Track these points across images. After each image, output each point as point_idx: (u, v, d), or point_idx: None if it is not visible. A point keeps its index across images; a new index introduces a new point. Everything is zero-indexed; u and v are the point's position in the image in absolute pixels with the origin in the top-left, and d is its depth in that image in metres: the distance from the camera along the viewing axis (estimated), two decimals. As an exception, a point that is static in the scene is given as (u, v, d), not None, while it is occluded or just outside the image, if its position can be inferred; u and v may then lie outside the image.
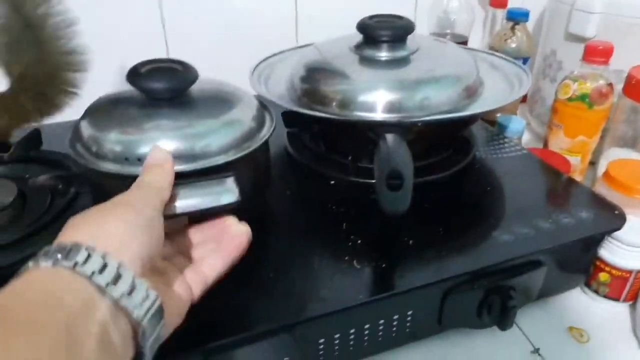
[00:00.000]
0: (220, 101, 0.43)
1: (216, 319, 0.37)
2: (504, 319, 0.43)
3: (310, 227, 0.46)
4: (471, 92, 0.52)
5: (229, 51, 0.75)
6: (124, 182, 0.38)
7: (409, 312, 0.41)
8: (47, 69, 0.51)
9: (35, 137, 0.54)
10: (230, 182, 0.37)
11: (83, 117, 0.42)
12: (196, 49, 0.68)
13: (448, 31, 0.83)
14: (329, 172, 0.52)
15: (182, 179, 0.38)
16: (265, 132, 0.44)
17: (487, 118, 0.71)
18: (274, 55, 0.62)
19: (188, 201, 0.37)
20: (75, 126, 0.42)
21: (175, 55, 0.71)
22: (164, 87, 0.41)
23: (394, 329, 0.41)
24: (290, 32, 0.78)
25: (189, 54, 0.48)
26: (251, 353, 0.37)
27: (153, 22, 0.71)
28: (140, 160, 0.39)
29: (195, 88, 0.42)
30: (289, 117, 0.55)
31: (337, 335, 0.39)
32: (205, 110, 0.42)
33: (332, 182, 0.51)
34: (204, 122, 0.41)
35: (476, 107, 0.51)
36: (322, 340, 0.39)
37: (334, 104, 0.49)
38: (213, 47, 0.74)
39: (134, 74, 0.41)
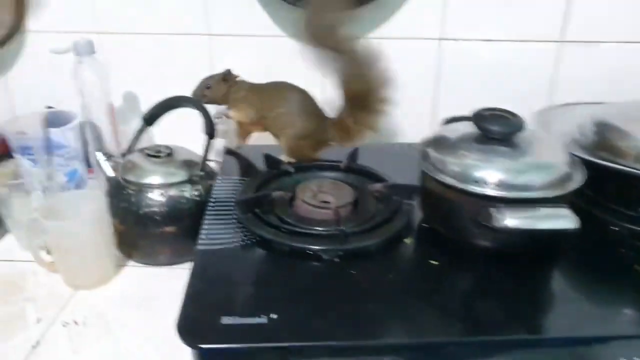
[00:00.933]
0: (540, 146, 0.53)
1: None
2: None
3: (601, 263, 0.53)
4: None
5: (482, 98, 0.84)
6: (458, 193, 0.50)
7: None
8: (367, 103, 0.66)
9: (355, 153, 0.70)
10: (569, 211, 0.46)
11: (428, 145, 0.56)
12: (460, 96, 0.80)
13: None
14: (609, 219, 0.58)
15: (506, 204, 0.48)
16: (580, 177, 0.52)
17: None
18: (552, 108, 0.70)
19: (528, 220, 0.47)
20: (423, 150, 0.56)
21: (443, 99, 0.85)
22: (501, 130, 0.52)
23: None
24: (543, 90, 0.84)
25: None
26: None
27: (428, 75, 0.85)
28: (474, 181, 0.50)
29: (521, 133, 0.53)
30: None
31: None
32: (530, 151, 0.52)
33: (615, 228, 0.57)
34: (529, 160, 0.52)
35: None
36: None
37: (630, 158, 0.55)
38: (472, 94, 0.84)
39: (479, 117, 0.53)
